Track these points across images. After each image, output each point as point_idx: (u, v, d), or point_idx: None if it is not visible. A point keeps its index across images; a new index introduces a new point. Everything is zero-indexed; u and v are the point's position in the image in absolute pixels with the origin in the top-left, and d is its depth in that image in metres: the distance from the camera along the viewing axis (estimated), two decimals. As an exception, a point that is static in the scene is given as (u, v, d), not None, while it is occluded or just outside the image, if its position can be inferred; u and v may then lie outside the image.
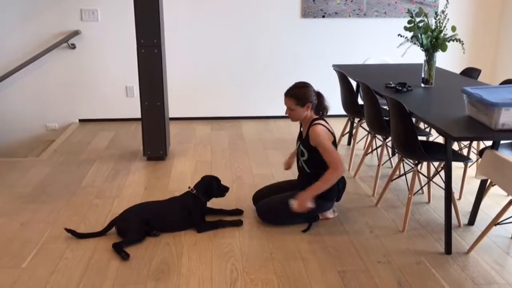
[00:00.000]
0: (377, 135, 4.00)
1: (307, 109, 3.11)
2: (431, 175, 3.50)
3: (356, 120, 4.49)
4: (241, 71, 5.60)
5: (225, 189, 3.31)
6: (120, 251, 2.84)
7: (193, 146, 4.79)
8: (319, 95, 3.17)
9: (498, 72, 5.75)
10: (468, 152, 3.81)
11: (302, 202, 3.01)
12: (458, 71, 5.14)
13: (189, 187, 3.26)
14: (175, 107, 5.52)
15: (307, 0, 5.41)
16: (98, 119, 5.60)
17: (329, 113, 3.26)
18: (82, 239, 3.01)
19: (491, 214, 3.33)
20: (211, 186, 3.24)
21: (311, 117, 3.15)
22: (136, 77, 5.31)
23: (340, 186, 3.24)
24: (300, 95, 3.09)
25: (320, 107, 3.18)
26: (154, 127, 4.26)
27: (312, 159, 3.14)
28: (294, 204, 3.02)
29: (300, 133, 3.30)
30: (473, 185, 3.77)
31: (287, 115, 3.17)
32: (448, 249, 2.89)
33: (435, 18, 3.68)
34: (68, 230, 3.03)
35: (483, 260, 2.82)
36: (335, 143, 3.16)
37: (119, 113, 5.59)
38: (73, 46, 5.32)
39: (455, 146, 4.14)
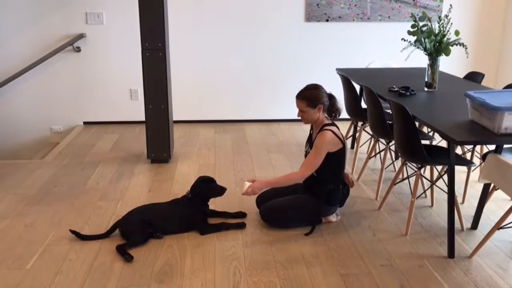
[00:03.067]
0: (380, 139, 4.00)
1: (318, 110, 3.12)
2: (434, 179, 3.50)
3: (360, 123, 4.49)
4: (245, 75, 5.62)
5: (221, 190, 3.28)
6: (123, 253, 2.85)
7: (197, 149, 4.81)
8: (331, 97, 3.17)
9: (502, 77, 5.75)
10: (471, 156, 3.81)
11: (256, 189, 3.04)
12: (461, 75, 5.15)
13: (187, 191, 3.27)
14: (179, 110, 5.54)
15: (311, 4, 5.43)
16: (103, 121, 5.62)
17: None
18: (86, 240, 3.03)
19: (494, 218, 3.33)
20: (202, 188, 3.23)
21: (322, 120, 3.16)
22: (140, 80, 5.34)
23: (344, 191, 3.25)
24: (311, 97, 3.09)
25: (333, 109, 3.19)
26: (158, 130, 4.28)
27: (321, 163, 3.15)
28: (247, 187, 3.04)
29: (310, 136, 3.31)
30: (476, 189, 3.77)
31: (299, 117, 3.18)
32: (451, 253, 2.89)
33: (438, 23, 3.69)
34: (73, 232, 3.05)
35: (486, 264, 2.82)
36: (344, 150, 3.16)
37: (123, 116, 5.62)
38: (78, 49, 5.35)
39: (458, 150, 4.14)
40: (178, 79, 5.46)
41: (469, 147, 3.89)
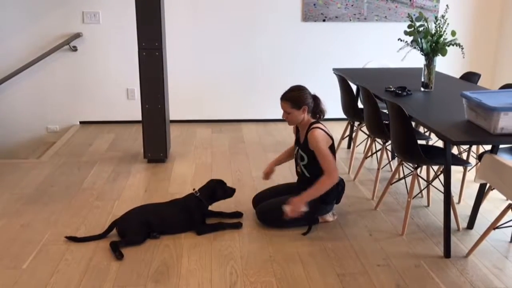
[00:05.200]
0: (376, 139, 4.01)
1: (303, 112, 3.12)
2: (431, 178, 3.51)
3: (356, 123, 4.50)
4: (242, 74, 5.62)
5: (232, 191, 3.31)
6: (115, 250, 2.85)
7: (194, 149, 4.81)
8: (315, 98, 3.18)
9: (498, 77, 5.76)
10: (468, 156, 3.82)
11: (295, 207, 3.00)
12: (457, 75, 5.15)
13: (194, 189, 3.27)
14: (175, 109, 5.54)
15: (308, 4, 5.43)
16: (99, 121, 5.61)
17: (329, 116, 3.27)
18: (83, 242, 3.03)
19: (490, 218, 3.34)
20: (215, 191, 3.25)
21: (308, 121, 3.16)
22: (137, 80, 5.32)
23: (339, 188, 3.25)
24: (296, 98, 3.10)
25: (317, 110, 3.19)
26: (155, 129, 4.28)
27: (312, 164, 3.15)
28: (288, 209, 3.01)
29: (298, 138, 3.31)
30: (472, 189, 3.78)
31: (284, 118, 3.19)
32: (447, 253, 2.90)
33: (435, 23, 3.69)
34: (69, 238, 3.03)
35: (482, 264, 2.83)
36: (333, 146, 3.18)
37: (120, 115, 5.61)
38: (74, 49, 5.34)
39: (455, 150, 4.15)
40: (174, 78, 5.45)
41: (465, 147, 3.89)
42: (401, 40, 3.84)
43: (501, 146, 3.00)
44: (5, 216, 3.35)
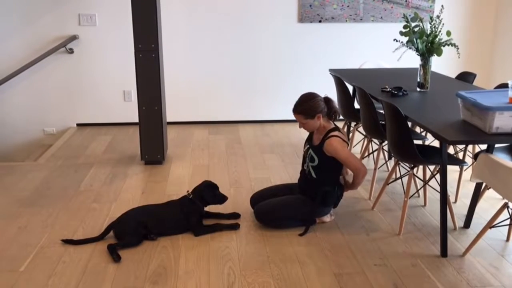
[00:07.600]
0: (373, 139, 4.02)
1: (318, 119, 3.10)
2: (427, 178, 3.52)
3: (353, 124, 4.51)
4: (239, 76, 5.63)
5: (223, 198, 3.29)
6: (112, 252, 2.85)
7: (191, 150, 4.81)
8: (327, 101, 3.14)
9: (493, 77, 5.79)
10: (464, 156, 3.84)
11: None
12: (453, 75, 5.18)
13: (187, 191, 3.28)
14: (172, 111, 5.54)
15: (304, 5, 5.44)
16: (96, 123, 5.61)
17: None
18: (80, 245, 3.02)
19: (486, 217, 3.36)
20: (206, 193, 3.23)
21: (324, 126, 3.15)
22: (133, 82, 5.33)
23: (338, 193, 3.26)
24: (307, 110, 3.07)
25: (331, 112, 3.17)
26: (152, 131, 4.28)
27: (322, 166, 3.16)
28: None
29: (310, 137, 3.30)
30: (468, 188, 3.80)
31: (301, 128, 3.19)
32: (444, 252, 2.91)
33: (430, 23, 3.71)
34: (66, 241, 3.03)
35: (478, 263, 2.84)
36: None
37: (116, 117, 5.60)
38: (71, 51, 5.34)
39: (451, 150, 4.16)
40: (171, 80, 5.46)
41: (461, 146, 3.91)
42: (396, 41, 3.85)
43: (496, 145, 3.01)
44: (3, 219, 3.35)
